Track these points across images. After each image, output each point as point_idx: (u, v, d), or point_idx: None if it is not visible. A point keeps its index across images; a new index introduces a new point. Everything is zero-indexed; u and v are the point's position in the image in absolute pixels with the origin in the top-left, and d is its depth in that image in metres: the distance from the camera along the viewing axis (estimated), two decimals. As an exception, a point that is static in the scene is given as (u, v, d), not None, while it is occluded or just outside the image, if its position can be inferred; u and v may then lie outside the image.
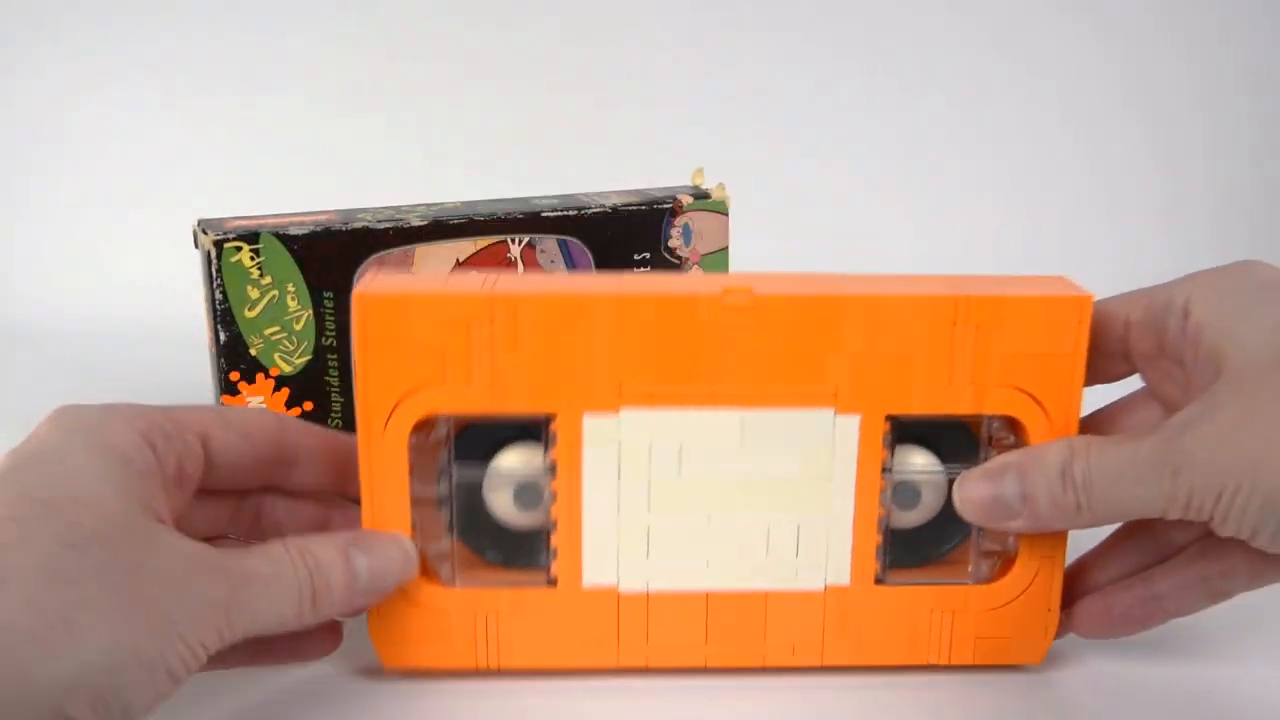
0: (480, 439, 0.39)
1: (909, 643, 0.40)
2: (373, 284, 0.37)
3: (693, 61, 0.97)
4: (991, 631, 0.40)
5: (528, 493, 0.39)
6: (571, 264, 0.54)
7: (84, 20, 0.93)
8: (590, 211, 0.53)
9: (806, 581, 0.39)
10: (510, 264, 0.53)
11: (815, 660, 0.40)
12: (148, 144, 0.93)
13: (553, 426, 0.38)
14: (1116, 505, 0.35)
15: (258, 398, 0.50)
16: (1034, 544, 0.39)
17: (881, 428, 0.38)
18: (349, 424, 0.51)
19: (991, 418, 0.39)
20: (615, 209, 0.54)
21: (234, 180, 0.91)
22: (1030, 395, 0.38)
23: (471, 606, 0.39)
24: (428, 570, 0.39)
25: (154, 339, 0.80)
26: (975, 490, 0.37)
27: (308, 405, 0.51)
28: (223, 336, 0.49)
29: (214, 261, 0.48)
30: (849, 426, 0.38)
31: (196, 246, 0.50)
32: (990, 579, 0.40)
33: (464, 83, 0.96)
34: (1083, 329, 0.37)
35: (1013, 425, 0.39)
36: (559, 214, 0.53)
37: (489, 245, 0.53)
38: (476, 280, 0.38)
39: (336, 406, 0.51)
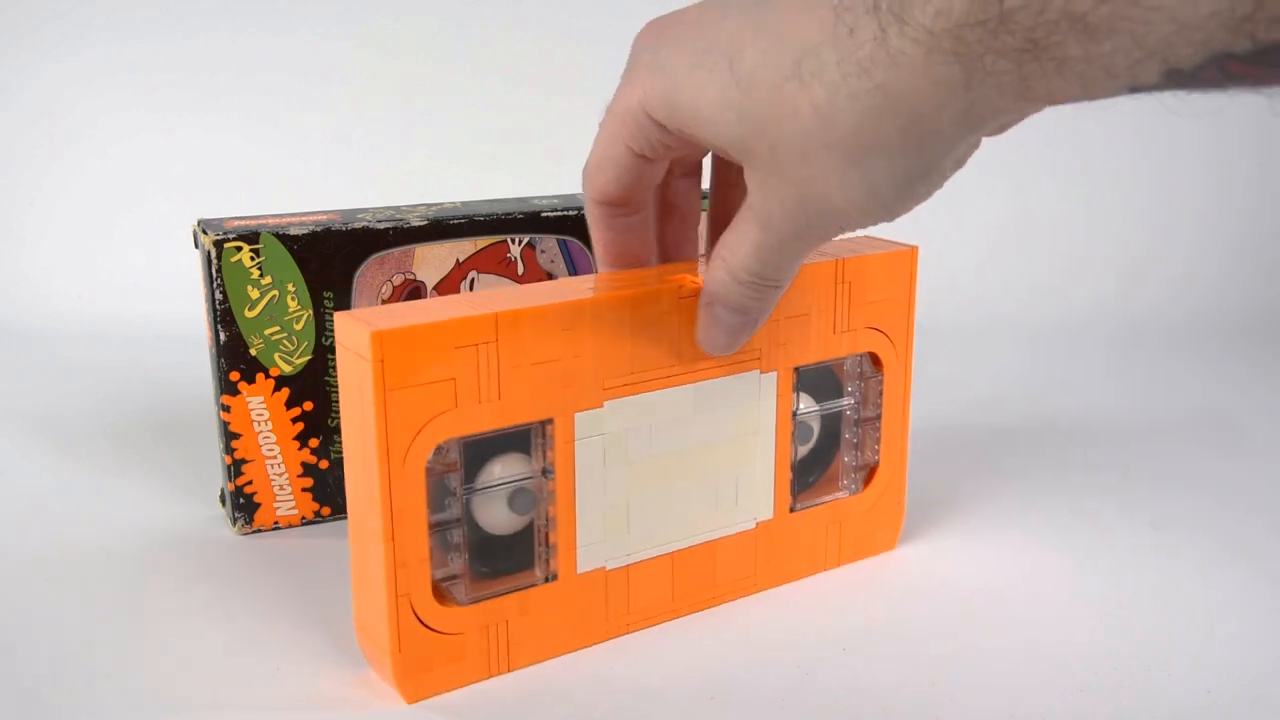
0: (467, 461, 0.40)
1: (810, 556, 0.48)
2: (374, 320, 0.37)
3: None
4: (862, 532, 0.49)
5: (520, 497, 0.41)
6: (571, 264, 0.54)
7: (85, 20, 0.93)
8: (590, 211, 0.53)
9: (744, 523, 0.46)
10: (510, 264, 0.53)
11: (750, 589, 0.47)
12: (148, 144, 0.93)
13: (549, 430, 0.40)
14: (786, 272, 0.38)
15: (258, 398, 0.50)
16: (888, 452, 0.49)
17: (791, 379, 0.46)
18: (349, 424, 0.51)
19: (850, 358, 0.47)
20: (615, 209, 0.54)
21: (234, 180, 0.91)
22: (882, 332, 0.47)
23: (484, 619, 0.40)
24: (442, 596, 0.40)
25: (154, 339, 0.80)
26: (713, 339, 0.41)
27: (308, 405, 0.51)
28: (223, 336, 0.49)
29: (214, 261, 0.48)
30: (770, 382, 0.45)
31: (196, 246, 0.50)
32: (861, 488, 0.49)
33: (464, 83, 0.96)
34: (913, 275, 0.47)
35: (873, 360, 0.48)
36: (559, 214, 0.53)
37: (489, 245, 0.53)
38: (457, 304, 0.39)
39: (336, 406, 0.51)
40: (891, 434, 0.49)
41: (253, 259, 0.48)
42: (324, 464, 0.52)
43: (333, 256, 0.50)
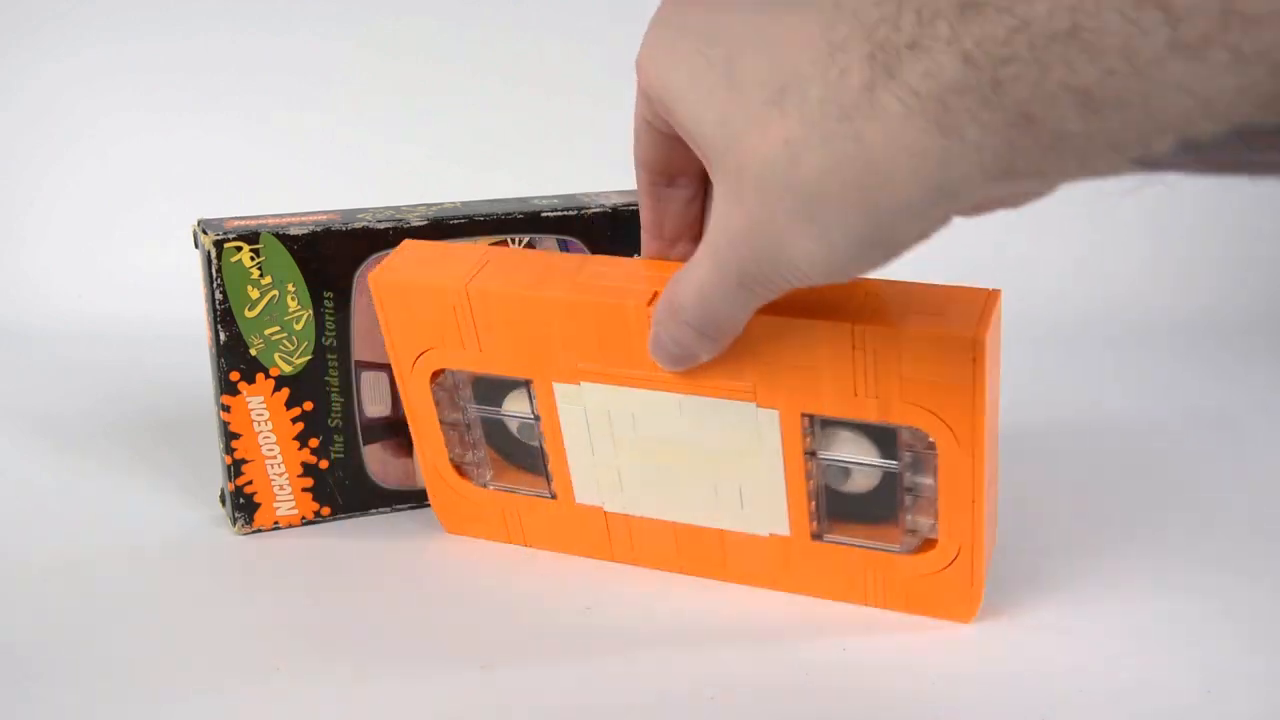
0: (493, 386, 0.47)
1: (847, 585, 0.45)
2: (387, 265, 0.46)
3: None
4: (922, 593, 0.43)
5: (527, 429, 0.47)
6: (571, 264, 0.54)
7: (85, 20, 0.93)
8: (590, 211, 0.53)
9: (755, 527, 0.44)
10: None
11: (770, 585, 0.46)
12: (148, 144, 0.93)
13: (532, 388, 0.45)
14: (728, 318, 0.37)
15: (258, 398, 0.50)
16: (951, 529, 0.41)
17: (799, 422, 0.41)
18: (348, 424, 0.51)
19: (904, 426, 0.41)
20: (615, 209, 0.54)
21: (234, 180, 0.91)
22: (933, 413, 0.39)
23: (499, 503, 0.49)
24: (465, 473, 0.49)
25: (154, 339, 0.80)
26: (657, 357, 0.40)
27: (308, 405, 0.51)
28: (223, 336, 0.49)
29: (214, 261, 0.48)
30: (770, 418, 0.41)
31: (196, 246, 0.50)
32: (916, 551, 0.43)
33: (464, 83, 0.96)
34: (978, 364, 0.38)
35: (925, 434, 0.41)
36: (559, 214, 0.53)
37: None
38: (474, 258, 0.45)
39: (337, 406, 0.51)
40: (954, 512, 0.41)
41: (253, 259, 0.48)
42: (324, 464, 0.52)
43: (333, 256, 0.50)
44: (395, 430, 0.52)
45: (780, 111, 0.31)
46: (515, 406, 0.47)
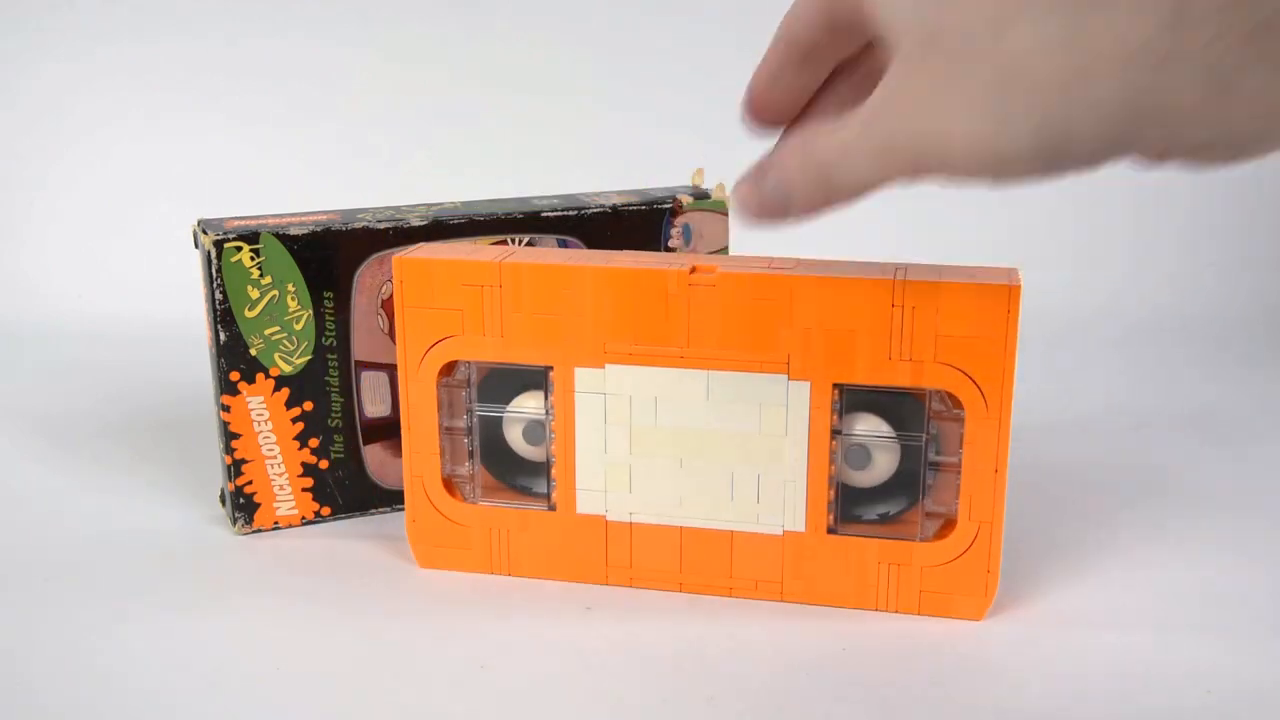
0: (502, 384, 0.47)
1: (858, 589, 0.45)
2: (412, 251, 0.46)
3: (692, 61, 0.97)
4: (935, 587, 0.44)
5: (534, 430, 0.47)
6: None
7: (86, 21, 0.93)
8: (590, 211, 0.53)
9: (767, 525, 0.45)
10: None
11: (776, 596, 0.45)
12: (148, 145, 0.93)
13: (551, 376, 0.45)
14: (851, 183, 0.34)
15: (258, 398, 0.50)
16: (971, 508, 0.43)
17: (829, 394, 0.43)
18: (348, 424, 0.51)
19: (934, 391, 0.43)
20: (615, 209, 0.54)
21: (234, 180, 0.91)
22: (964, 373, 0.42)
23: (487, 521, 0.47)
24: (453, 489, 0.48)
25: (154, 339, 0.80)
26: (744, 193, 0.38)
27: (308, 405, 0.51)
28: (223, 336, 0.49)
29: (214, 261, 0.48)
30: (800, 391, 0.43)
31: (196, 246, 0.50)
32: (935, 538, 0.44)
33: (464, 84, 0.96)
34: (1012, 315, 0.41)
35: (953, 399, 0.43)
36: (559, 214, 0.53)
37: (489, 245, 0.52)
38: (497, 251, 0.46)
39: (336, 406, 0.51)
40: (976, 488, 0.43)
41: (253, 259, 0.49)
42: (324, 464, 0.52)
43: (333, 256, 0.50)
44: (395, 430, 0.52)
45: None
46: (523, 405, 0.47)
